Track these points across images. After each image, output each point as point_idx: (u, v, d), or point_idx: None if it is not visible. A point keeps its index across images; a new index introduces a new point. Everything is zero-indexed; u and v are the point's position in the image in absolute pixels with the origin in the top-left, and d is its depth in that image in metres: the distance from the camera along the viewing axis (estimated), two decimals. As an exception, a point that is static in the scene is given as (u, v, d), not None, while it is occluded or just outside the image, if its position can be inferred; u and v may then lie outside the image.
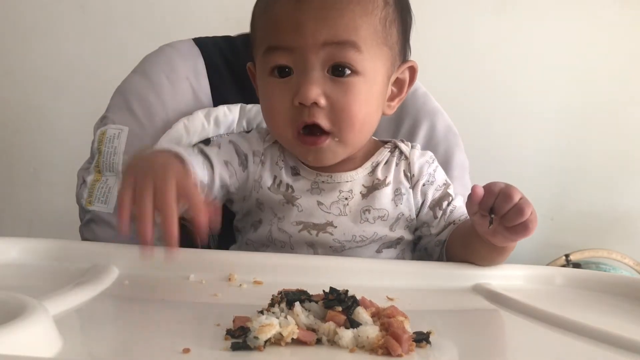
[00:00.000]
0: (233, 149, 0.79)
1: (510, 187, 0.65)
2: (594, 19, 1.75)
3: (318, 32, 0.68)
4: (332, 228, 0.76)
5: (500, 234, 0.66)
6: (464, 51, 1.70)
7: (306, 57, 0.69)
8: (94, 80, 1.56)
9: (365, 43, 0.70)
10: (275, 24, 0.70)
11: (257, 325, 0.41)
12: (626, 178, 1.81)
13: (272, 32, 0.71)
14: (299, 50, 0.69)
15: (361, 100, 0.71)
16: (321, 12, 0.68)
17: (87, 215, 0.84)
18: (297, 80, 0.70)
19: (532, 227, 0.64)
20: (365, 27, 0.69)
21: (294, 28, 0.68)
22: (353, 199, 0.77)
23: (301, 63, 0.69)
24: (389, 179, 0.78)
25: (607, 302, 0.68)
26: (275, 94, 0.72)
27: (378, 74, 0.73)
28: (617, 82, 1.77)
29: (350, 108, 0.70)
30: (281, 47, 0.70)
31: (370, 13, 0.70)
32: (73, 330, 0.43)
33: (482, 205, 0.65)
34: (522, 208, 0.64)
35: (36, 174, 1.64)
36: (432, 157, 0.83)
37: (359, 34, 0.69)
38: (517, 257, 0.73)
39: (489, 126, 1.74)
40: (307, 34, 0.68)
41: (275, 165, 0.79)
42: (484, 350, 0.49)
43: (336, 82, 0.70)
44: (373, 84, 0.72)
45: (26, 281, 0.58)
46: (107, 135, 0.87)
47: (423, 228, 0.80)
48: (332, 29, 0.68)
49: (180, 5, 1.61)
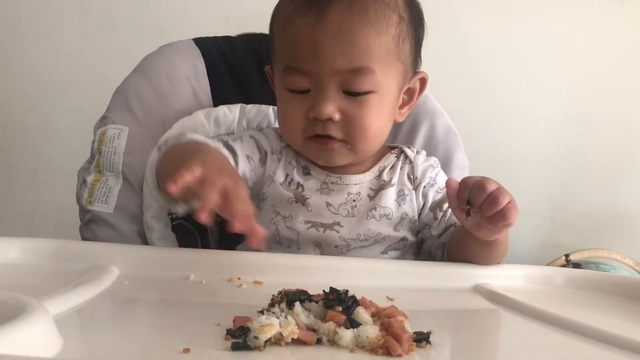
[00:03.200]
0: (254, 144, 0.81)
1: (485, 179, 0.67)
2: (594, 19, 1.75)
3: (334, 58, 0.70)
4: (338, 227, 0.77)
5: (483, 226, 0.67)
6: (464, 51, 1.70)
7: (323, 81, 0.72)
8: (94, 80, 1.56)
9: (378, 64, 0.72)
10: (293, 45, 0.72)
11: (257, 325, 0.41)
12: (626, 178, 1.81)
13: (290, 53, 0.73)
14: (316, 74, 0.71)
15: (374, 114, 0.74)
16: (336, 38, 0.70)
17: (87, 215, 0.84)
18: (313, 95, 0.73)
19: (509, 214, 0.65)
20: (379, 49, 0.71)
21: (311, 52, 0.71)
22: (361, 201, 0.79)
23: (318, 84, 0.72)
24: (394, 180, 0.80)
25: (607, 302, 0.68)
26: (292, 106, 0.75)
27: (391, 89, 0.75)
28: (617, 82, 1.77)
29: (364, 122, 0.73)
30: (299, 70, 0.72)
31: (385, 33, 0.72)
32: (73, 330, 0.43)
33: (459, 198, 0.67)
34: (496, 197, 0.65)
35: (36, 174, 1.64)
36: (437, 162, 0.85)
37: (373, 58, 0.71)
38: (517, 257, 0.74)
39: (489, 126, 1.74)
40: (323, 60, 0.70)
41: (289, 165, 0.81)
42: (484, 350, 0.49)
43: (351, 99, 0.73)
44: (386, 98, 0.75)
45: (26, 281, 0.58)
46: (107, 135, 0.87)
47: (424, 230, 0.81)
48: (346, 56, 0.70)
49: (180, 5, 1.61)
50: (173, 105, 0.91)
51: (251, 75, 0.95)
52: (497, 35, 1.74)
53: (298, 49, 0.72)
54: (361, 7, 0.70)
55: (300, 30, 0.71)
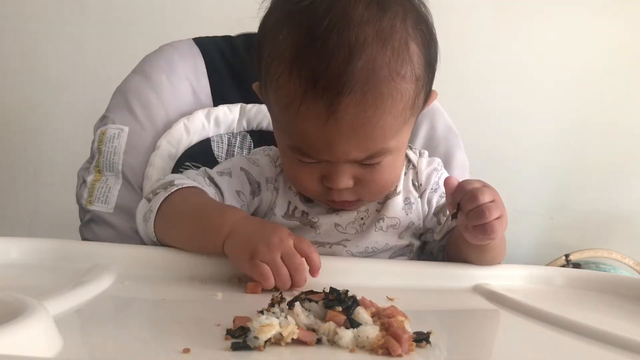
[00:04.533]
0: (245, 177, 0.77)
1: (481, 189, 0.65)
2: (594, 18, 1.75)
3: (348, 151, 0.65)
4: (346, 242, 0.76)
5: (468, 231, 0.66)
6: (463, 51, 1.70)
7: (337, 166, 0.67)
8: (94, 80, 1.56)
9: (394, 137, 0.66)
10: (303, 137, 0.65)
11: (257, 325, 0.41)
12: (626, 178, 1.81)
13: (300, 140, 0.66)
14: (330, 161, 0.67)
15: (390, 172, 0.70)
16: (351, 136, 0.63)
17: (87, 215, 0.84)
18: (326, 166, 0.67)
19: (491, 230, 0.64)
20: (394, 128, 0.65)
21: (324, 147, 0.65)
22: (369, 218, 0.77)
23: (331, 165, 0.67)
24: (399, 188, 0.78)
25: (607, 302, 0.68)
26: (302, 170, 0.69)
27: (405, 142, 0.71)
28: (617, 82, 1.77)
29: (379, 183, 0.70)
30: (309, 155, 0.67)
31: (400, 113, 0.64)
32: (73, 330, 0.43)
33: (451, 199, 0.66)
34: (483, 211, 0.63)
35: (36, 174, 1.64)
36: (440, 164, 0.82)
37: (388, 139, 0.66)
38: (517, 257, 0.73)
39: (489, 126, 1.74)
40: (337, 153, 0.65)
41: (289, 190, 0.77)
42: (484, 350, 0.49)
43: (365, 167, 0.68)
44: (400, 152, 0.71)
45: (26, 281, 0.58)
46: (107, 135, 0.87)
47: (427, 234, 0.81)
48: (362, 148, 0.65)
49: (180, 5, 1.61)
50: (173, 105, 0.91)
51: (251, 75, 0.95)
52: (497, 35, 1.74)
53: (309, 142, 0.65)
54: (376, 94, 0.61)
55: (310, 124, 0.63)
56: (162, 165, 0.87)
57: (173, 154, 0.89)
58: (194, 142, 0.91)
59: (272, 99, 0.68)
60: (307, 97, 0.61)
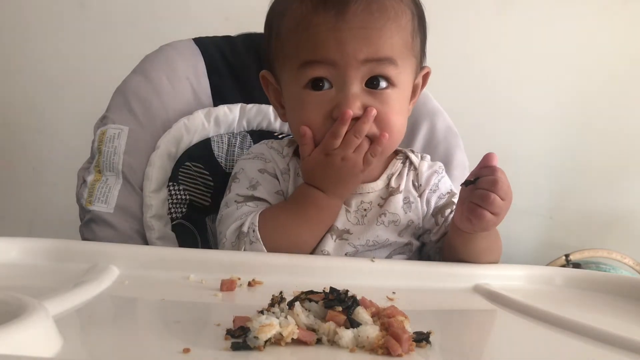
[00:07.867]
0: (269, 176, 0.80)
1: (505, 185, 0.68)
2: (594, 19, 1.75)
3: (359, 50, 0.69)
4: (347, 234, 0.77)
5: (464, 215, 0.69)
6: (464, 51, 1.70)
7: (347, 72, 0.70)
8: (94, 80, 1.55)
9: (400, 57, 0.72)
10: (314, 40, 0.70)
11: (257, 325, 0.41)
12: (626, 178, 1.81)
13: (311, 48, 0.71)
14: (340, 65, 0.70)
15: (397, 110, 0.73)
16: (361, 32, 0.69)
17: (87, 215, 0.84)
18: (335, 94, 0.71)
19: (479, 216, 0.67)
20: (400, 42, 0.72)
21: (335, 45, 0.69)
22: (371, 210, 0.78)
23: (341, 77, 0.71)
24: (401, 187, 0.80)
25: (607, 302, 0.68)
26: (311, 106, 0.72)
27: (408, 84, 0.76)
28: (617, 82, 1.77)
29: (389, 118, 0.72)
30: (322, 62, 0.71)
31: (404, 28, 0.73)
32: (73, 330, 0.43)
33: (479, 171, 0.70)
34: (489, 197, 0.66)
35: (36, 173, 1.64)
36: (442, 167, 0.85)
37: (396, 50, 0.72)
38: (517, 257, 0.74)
39: (489, 126, 1.74)
40: (348, 52, 0.69)
41: (298, 177, 0.80)
42: (484, 350, 0.49)
43: (373, 94, 0.71)
44: (403, 93, 0.75)
45: (26, 281, 0.58)
46: (107, 135, 0.87)
47: (425, 235, 0.82)
48: (372, 47, 0.70)
49: (180, 5, 1.61)
50: (173, 105, 0.91)
51: (251, 75, 0.95)
52: (497, 35, 1.74)
53: (320, 44, 0.70)
54: (380, 4, 0.71)
55: (321, 28, 0.70)
56: (162, 165, 0.87)
57: (173, 153, 0.89)
58: (194, 142, 0.91)
59: (287, 37, 0.73)
60: (318, 10, 0.70)
